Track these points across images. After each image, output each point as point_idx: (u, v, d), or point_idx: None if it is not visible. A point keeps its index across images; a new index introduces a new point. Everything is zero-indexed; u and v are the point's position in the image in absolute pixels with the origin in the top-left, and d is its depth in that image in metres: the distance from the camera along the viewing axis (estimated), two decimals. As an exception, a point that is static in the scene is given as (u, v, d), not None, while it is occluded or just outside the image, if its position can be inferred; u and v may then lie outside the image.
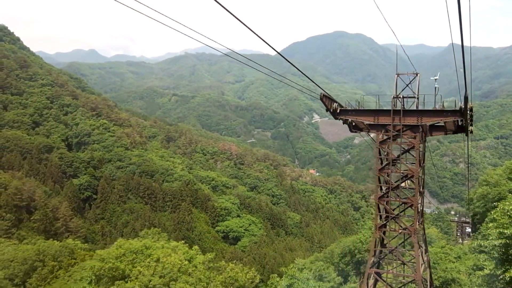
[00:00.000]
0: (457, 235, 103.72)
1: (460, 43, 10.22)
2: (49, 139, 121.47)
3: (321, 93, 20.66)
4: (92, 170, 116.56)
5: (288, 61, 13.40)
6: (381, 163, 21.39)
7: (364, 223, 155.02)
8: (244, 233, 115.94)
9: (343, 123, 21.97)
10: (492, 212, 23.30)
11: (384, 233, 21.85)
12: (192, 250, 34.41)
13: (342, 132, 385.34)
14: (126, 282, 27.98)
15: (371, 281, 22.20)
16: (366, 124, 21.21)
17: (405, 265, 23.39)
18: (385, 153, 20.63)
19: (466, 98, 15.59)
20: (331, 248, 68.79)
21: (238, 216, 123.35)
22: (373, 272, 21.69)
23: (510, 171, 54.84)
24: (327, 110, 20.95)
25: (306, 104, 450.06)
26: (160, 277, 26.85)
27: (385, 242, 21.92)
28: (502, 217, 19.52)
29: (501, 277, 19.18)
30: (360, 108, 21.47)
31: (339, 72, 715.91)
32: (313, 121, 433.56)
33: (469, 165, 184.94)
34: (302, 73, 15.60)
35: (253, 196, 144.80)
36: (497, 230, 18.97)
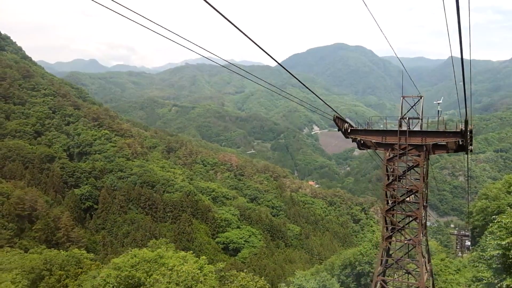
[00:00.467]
0: (456, 248, 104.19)
1: (459, 56, 10.12)
2: (51, 149, 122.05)
3: (334, 115, 22.47)
4: (93, 180, 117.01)
5: (291, 74, 14.09)
6: (388, 179, 22.60)
7: (364, 236, 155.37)
8: (244, 244, 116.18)
9: (352, 141, 22.99)
10: (491, 225, 24.31)
11: (390, 243, 22.68)
12: (201, 260, 35.15)
13: (341, 144, 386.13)
14: None
15: None
16: (374, 142, 22.46)
17: (409, 274, 24.31)
18: (391, 170, 21.47)
19: (466, 122, 16.85)
20: (331, 260, 69.36)
21: (238, 227, 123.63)
22: (380, 280, 22.51)
23: (509, 185, 55.51)
24: (339, 130, 22.17)
25: (306, 115, 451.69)
26: (176, 284, 27.67)
27: (391, 252, 22.83)
28: (500, 230, 20.43)
29: (498, 285, 20.01)
30: (369, 129, 22.35)
31: (339, 84, 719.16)
32: (312, 132, 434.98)
33: (469, 178, 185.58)
34: (304, 85, 16.24)
35: (253, 207, 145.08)
36: (495, 242, 19.69)
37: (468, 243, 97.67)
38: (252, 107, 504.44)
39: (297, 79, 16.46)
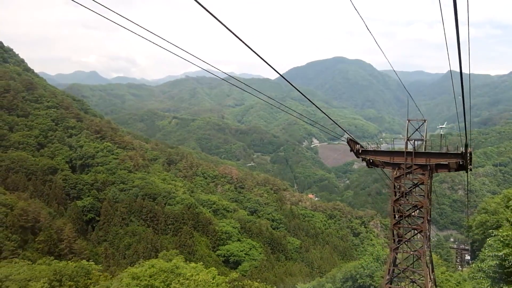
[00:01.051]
0: (456, 261, 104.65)
1: (458, 70, 10.22)
2: (54, 161, 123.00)
3: (347, 138, 24.68)
4: (95, 192, 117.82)
5: (294, 86, 14.67)
6: (395, 195, 24.17)
7: (363, 249, 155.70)
8: (244, 257, 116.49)
9: (362, 161, 24.42)
10: (489, 239, 25.75)
11: (397, 254, 24.08)
12: (212, 270, 36.22)
13: (341, 157, 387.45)
14: None
15: None
16: (382, 162, 24.06)
17: (414, 283, 25.51)
18: (398, 187, 22.81)
19: (466, 145, 18.31)
20: (332, 273, 69.99)
21: (239, 240, 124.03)
22: (387, 287, 23.74)
23: (507, 199, 56.50)
24: (351, 150, 23.67)
25: (306, 128, 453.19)
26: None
27: (397, 262, 24.11)
28: (497, 242, 21.83)
29: None
30: (378, 149, 23.77)
31: (338, 97, 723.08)
32: (312, 145, 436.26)
33: (468, 192, 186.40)
34: (308, 100, 17.00)
35: (254, 220, 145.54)
36: (493, 253, 21.05)
37: (468, 257, 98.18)
38: (251, 120, 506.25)
39: (301, 92, 17.05)
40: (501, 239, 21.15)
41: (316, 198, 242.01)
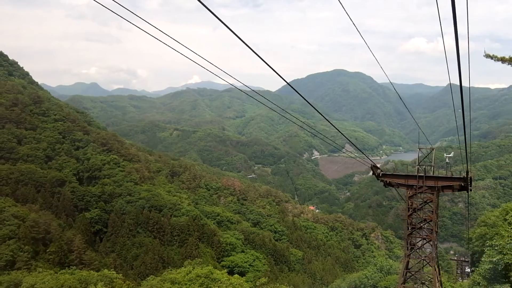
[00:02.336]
0: (457, 273, 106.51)
1: (458, 83, 10.53)
2: (62, 173, 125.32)
3: (371, 164, 28.56)
4: (102, 204, 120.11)
5: (302, 97, 14.57)
6: (409, 211, 28.50)
7: (365, 261, 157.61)
8: (248, 268, 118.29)
9: (380, 181, 27.90)
10: (487, 249, 30.05)
11: (409, 259, 29.04)
12: (235, 276, 38.99)
13: (341, 169, 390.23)
14: None
15: None
16: (398, 183, 28.52)
17: (424, 284, 29.95)
18: (411, 204, 26.55)
19: (467, 172, 21.94)
20: (337, 283, 72.05)
21: (243, 251, 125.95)
22: (401, 287, 28.51)
23: (506, 213, 58.80)
24: (373, 174, 28.98)
25: (306, 140, 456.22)
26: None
27: (410, 266, 28.73)
28: (492, 251, 25.66)
29: None
30: (395, 173, 27.50)
31: (338, 109, 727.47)
32: (313, 157, 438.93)
33: (469, 205, 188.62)
34: (319, 112, 18.02)
35: (257, 231, 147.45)
36: (488, 259, 24.80)
37: (468, 269, 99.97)
38: (252, 132, 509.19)
39: (309, 103, 18.08)
40: (495, 248, 24.93)
41: (317, 210, 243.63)
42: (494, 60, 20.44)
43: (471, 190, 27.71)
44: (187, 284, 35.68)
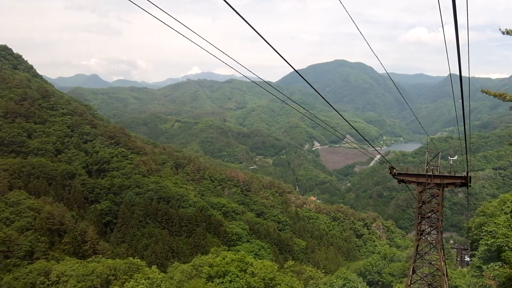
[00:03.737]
0: (456, 261, 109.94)
1: (458, 73, 10.61)
2: (71, 166, 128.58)
3: (389, 165, 33.12)
4: (112, 196, 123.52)
5: (312, 87, 13.78)
6: (419, 203, 33.43)
7: (366, 249, 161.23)
8: (254, 257, 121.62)
9: (394, 178, 33.73)
10: (484, 235, 34.95)
11: (419, 243, 34.11)
12: (264, 260, 43.02)
13: (342, 160, 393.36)
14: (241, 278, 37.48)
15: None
16: (410, 181, 33.62)
17: (431, 264, 34.88)
18: (421, 197, 32.66)
19: (467, 172, 25.70)
20: (342, 270, 75.19)
21: (248, 241, 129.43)
22: (413, 265, 33.87)
23: (503, 203, 61.93)
24: (390, 173, 33.46)
25: (307, 131, 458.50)
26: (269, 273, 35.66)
27: (419, 249, 33.79)
28: (487, 236, 29.67)
29: (484, 267, 29.07)
30: (408, 172, 34.07)
31: (339, 100, 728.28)
32: (313, 148, 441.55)
33: (468, 195, 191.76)
34: (329, 103, 18.99)
35: (261, 222, 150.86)
36: (484, 242, 28.84)
37: (467, 258, 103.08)
38: (253, 123, 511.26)
39: (319, 94, 19.24)
40: (490, 233, 29.20)
41: (318, 201, 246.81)
42: None
43: (470, 186, 32.35)
44: (225, 266, 39.70)
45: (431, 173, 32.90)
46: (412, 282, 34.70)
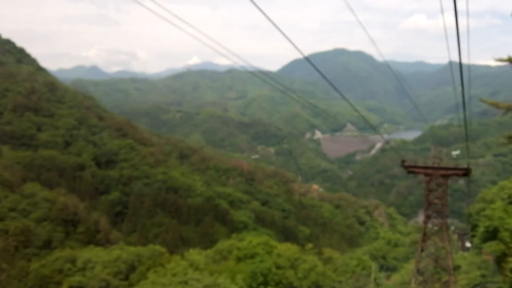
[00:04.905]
0: (458, 245, 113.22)
1: (458, 60, 10.52)
2: (81, 158, 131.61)
3: (401, 159, 37.39)
4: (122, 187, 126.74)
5: (321, 74, 16.71)
6: (427, 191, 37.59)
7: (369, 236, 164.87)
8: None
9: (404, 169, 37.59)
10: (481, 219, 39.27)
11: (426, 226, 38.45)
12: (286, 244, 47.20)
13: (343, 148, 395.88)
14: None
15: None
16: (419, 172, 37.76)
17: (437, 244, 38.77)
18: (428, 186, 36.63)
19: (468, 165, 29.05)
20: (355, 252, 78.69)
21: (254, 229, 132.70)
22: (420, 245, 38.04)
23: (502, 189, 64.81)
24: (402, 165, 37.45)
25: (308, 120, 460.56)
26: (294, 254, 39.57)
27: (427, 230, 38.06)
28: (484, 219, 33.52)
29: (482, 246, 33.43)
30: (417, 165, 37.91)
31: (339, 88, 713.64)
32: (315, 137, 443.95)
33: (469, 183, 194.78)
34: (337, 90, 20.10)
35: (266, 210, 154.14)
36: (482, 225, 32.37)
37: (468, 244, 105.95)
38: (254, 113, 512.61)
39: (329, 82, 20.48)
40: (487, 216, 33.09)
41: (321, 189, 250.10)
42: None
43: (471, 176, 38.39)
44: (252, 249, 43.35)
45: (437, 165, 36.83)
46: (420, 259, 38.82)
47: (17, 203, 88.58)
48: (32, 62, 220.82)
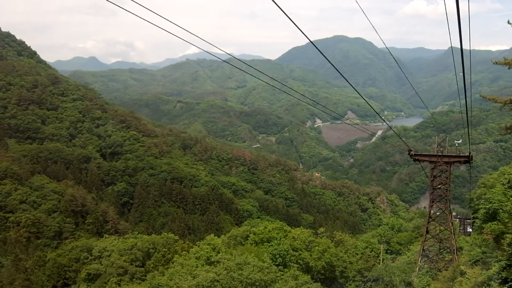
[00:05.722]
0: (460, 230, 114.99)
1: (459, 46, 10.35)
2: (86, 150, 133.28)
3: (408, 149, 39.31)
4: (127, 178, 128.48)
5: (329, 61, 15.99)
6: (431, 177, 40.26)
7: (371, 223, 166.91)
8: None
9: (411, 157, 39.97)
10: (482, 202, 41.51)
11: (431, 209, 40.90)
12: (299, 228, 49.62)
13: (344, 136, 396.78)
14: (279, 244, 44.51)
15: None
16: (424, 160, 40.41)
17: (441, 226, 41.52)
18: (433, 173, 39.14)
19: (470, 152, 30.62)
20: (364, 235, 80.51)
21: (259, 217, 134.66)
22: (426, 226, 40.59)
23: (502, 175, 66.21)
24: (409, 154, 39.59)
25: (308, 109, 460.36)
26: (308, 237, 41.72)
27: (432, 211, 40.68)
28: (485, 202, 35.72)
29: (483, 226, 36.13)
30: (423, 153, 41.39)
31: (339, 76, 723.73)
32: (315, 125, 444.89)
33: (470, 169, 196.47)
34: (347, 81, 18.17)
35: (270, 199, 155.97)
36: (482, 207, 34.61)
37: (469, 229, 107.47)
38: (254, 102, 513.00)
39: (337, 68, 20.42)
40: (487, 199, 35.36)
41: (322, 177, 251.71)
42: None
43: (472, 163, 39.78)
44: (268, 234, 45.44)
45: (440, 154, 39.65)
46: (426, 240, 41.71)
47: (27, 195, 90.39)
48: (32, 55, 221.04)
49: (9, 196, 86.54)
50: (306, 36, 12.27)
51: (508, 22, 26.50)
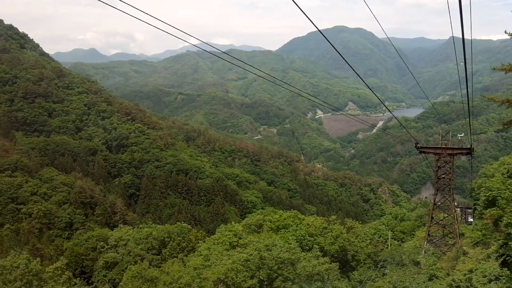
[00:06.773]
0: (461, 219, 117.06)
1: (460, 36, 10.25)
2: (92, 143, 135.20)
3: (415, 142, 42.88)
4: (134, 170, 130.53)
5: (334, 47, 15.11)
6: (436, 167, 43.58)
7: (373, 214, 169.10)
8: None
9: (417, 149, 42.93)
10: (482, 190, 44.05)
11: (435, 198, 44.09)
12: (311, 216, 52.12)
13: (345, 127, 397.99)
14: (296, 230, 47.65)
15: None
16: (429, 151, 43.57)
17: (445, 213, 45.28)
18: (437, 164, 42.22)
19: (471, 145, 33.28)
20: (373, 222, 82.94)
21: (262, 208, 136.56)
22: (431, 214, 43.96)
23: (502, 165, 68.00)
24: (416, 146, 42.73)
25: (309, 100, 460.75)
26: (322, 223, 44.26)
27: (436, 199, 43.68)
28: (485, 190, 38.35)
29: (484, 211, 38.60)
30: (428, 146, 44.48)
31: (340, 67, 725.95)
32: (316, 116, 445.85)
33: (472, 159, 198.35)
34: (357, 74, 18.42)
35: (273, 190, 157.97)
36: (483, 194, 37.16)
37: (471, 219, 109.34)
38: (255, 93, 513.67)
39: (345, 59, 21.22)
40: (487, 188, 37.92)
41: (324, 168, 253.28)
42: None
43: (473, 154, 43.37)
44: (284, 221, 48.03)
45: (444, 146, 42.78)
46: (431, 225, 45.03)
47: (38, 187, 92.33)
48: (35, 47, 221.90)
49: (20, 188, 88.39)
50: (315, 26, 12.54)
51: (512, 11, 27.70)
